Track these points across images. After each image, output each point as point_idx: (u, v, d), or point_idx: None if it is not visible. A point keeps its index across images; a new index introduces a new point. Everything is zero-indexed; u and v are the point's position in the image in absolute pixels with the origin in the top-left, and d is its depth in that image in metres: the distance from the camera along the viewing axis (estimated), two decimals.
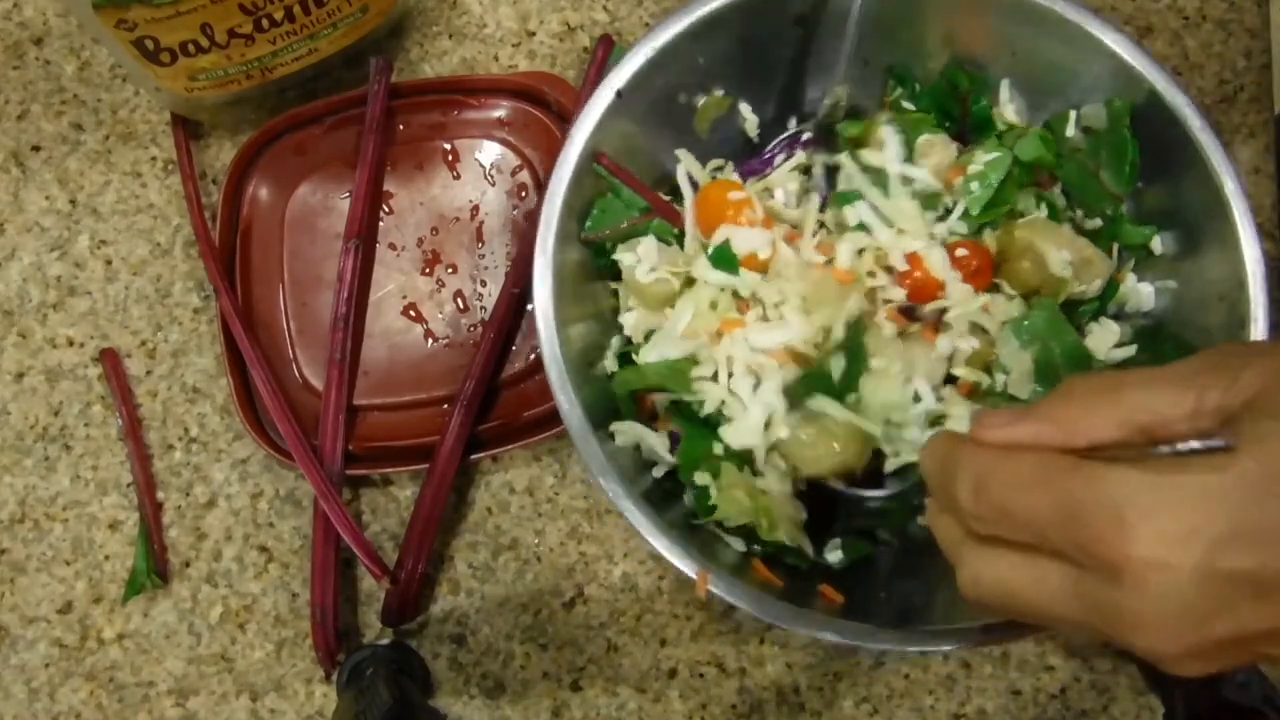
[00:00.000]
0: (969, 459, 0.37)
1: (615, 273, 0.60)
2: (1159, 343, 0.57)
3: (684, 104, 0.60)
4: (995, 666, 0.63)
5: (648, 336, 0.58)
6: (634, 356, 0.58)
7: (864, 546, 0.56)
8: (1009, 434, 0.38)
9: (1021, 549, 0.36)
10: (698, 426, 0.56)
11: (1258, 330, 0.53)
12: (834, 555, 0.56)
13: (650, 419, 0.57)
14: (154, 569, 0.63)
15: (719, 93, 0.60)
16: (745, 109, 0.62)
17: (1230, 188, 0.54)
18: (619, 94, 0.55)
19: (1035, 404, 0.38)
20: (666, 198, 0.60)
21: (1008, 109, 0.61)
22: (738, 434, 0.55)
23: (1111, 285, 0.59)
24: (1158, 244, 0.58)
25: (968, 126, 0.61)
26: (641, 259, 0.57)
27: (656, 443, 0.56)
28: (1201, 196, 0.55)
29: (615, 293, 0.60)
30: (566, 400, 0.53)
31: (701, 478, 0.55)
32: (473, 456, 0.62)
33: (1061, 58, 0.58)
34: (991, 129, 0.60)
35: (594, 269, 0.59)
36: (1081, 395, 0.37)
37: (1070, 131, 0.59)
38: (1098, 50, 0.56)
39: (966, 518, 0.37)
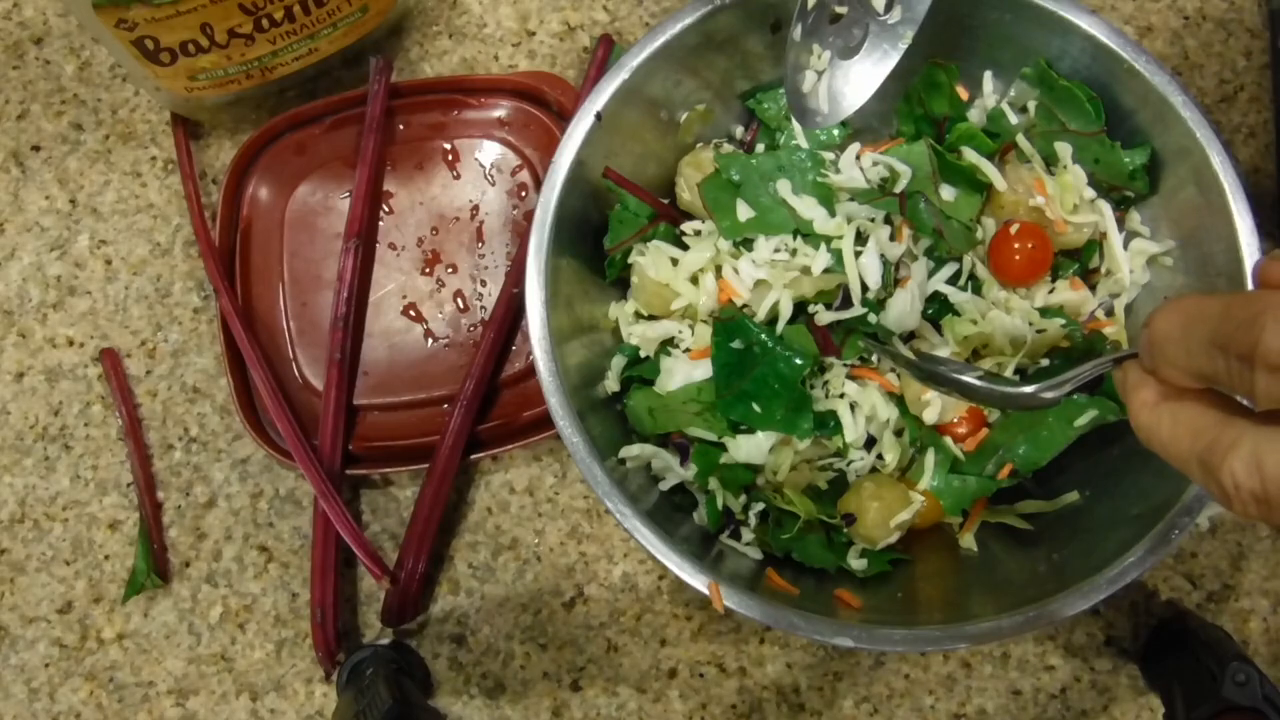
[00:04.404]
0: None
1: (624, 285, 0.60)
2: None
3: (667, 120, 0.60)
4: (995, 666, 0.63)
5: (657, 353, 0.58)
6: (645, 377, 0.58)
7: (886, 558, 0.56)
8: None
9: None
10: (707, 441, 0.57)
11: None
12: (858, 563, 0.56)
13: (662, 434, 0.58)
14: (154, 569, 0.63)
15: (701, 106, 0.61)
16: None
17: (1204, 137, 0.54)
18: (598, 116, 0.56)
19: None
20: (665, 201, 0.61)
21: (990, 100, 0.61)
22: (744, 450, 0.55)
23: (1091, 245, 0.60)
24: (1148, 231, 0.59)
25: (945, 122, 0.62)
26: (652, 254, 0.58)
27: (669, 459, 0.57)
28: (1182, 162, 0.56)
29: (616, 314, 0.61)
30: (569, 427, 0.53)
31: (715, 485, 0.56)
32: (473, 456, 0.62)
33: (1039, 44, 0.58)
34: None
35: (592, 287, 0.60)
36: None
37: (1014, 119, 0.60)
38: (1074, 33, 0.57)
39: (1260, 379, 0.30)
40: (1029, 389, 0.43)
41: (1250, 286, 0.53)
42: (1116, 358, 0.38)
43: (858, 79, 0.56)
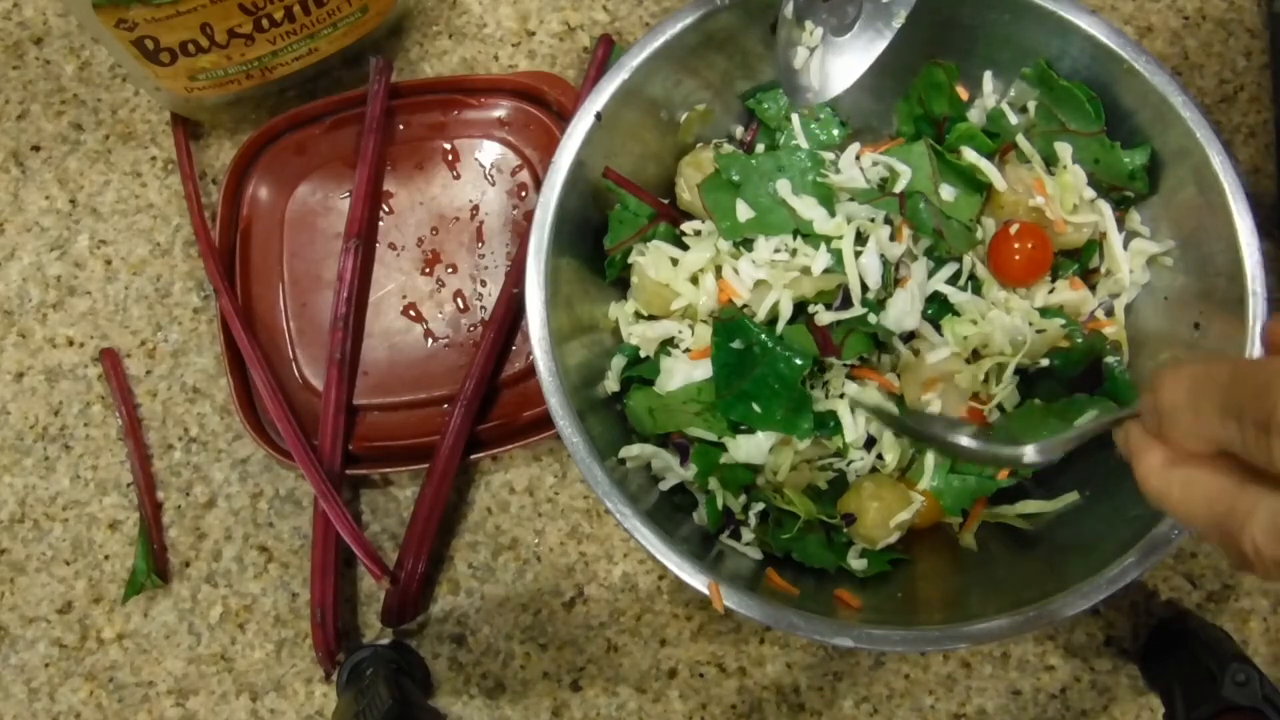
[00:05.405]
0: None
1: (624, 285, 0.60)
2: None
3: (667, 120, 0.60)
4: (995, 666, 0.63)
5: (657, 353, 0.58)
6: (645, 377, 0.58)
7: (886, 558, 0.57)
8: None
9: None
10: (707, 441, 0.57)
11: (1257, 305, 0.53)
12: (858, 563, 0.56)
13: (662, 434, 0.58)
14: (154, 569, 0.63)
15: (701, 106, 0.61)
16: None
17: (1204, 137, 0.54)
18: (598, 116, 0.56)
19: None
20: (665, 201, 0.61)
21: (990, 100, 0.61)
22: (744, 450, 0.55)
23: (1091, 245, 0.60)
24: (1149, 232, 0.59)
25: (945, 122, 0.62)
26: (652, 254, 0.58)
27: (669, 459, 0.57)
28: (1182, 162, 0.56)
29: (616, 313, 0.61)
30: (569, 427, 0.53)
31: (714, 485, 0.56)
32: (473, 456, 0.62)
33: (1039, 44, 0.58)
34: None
35: (592, 287, 0.60)
36: None
37: (1014, 119, 0.60)
38: (1074, 33, 0.57)
39: (1277, 447, 0.29)
40: (1023, 450, 0.42)
41: (1250, 277, 0.53)
42: (1116, 419, 0.38)
43: (849, 57, 0.57)
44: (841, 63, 0.57)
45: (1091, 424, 0.40)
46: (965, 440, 0.44)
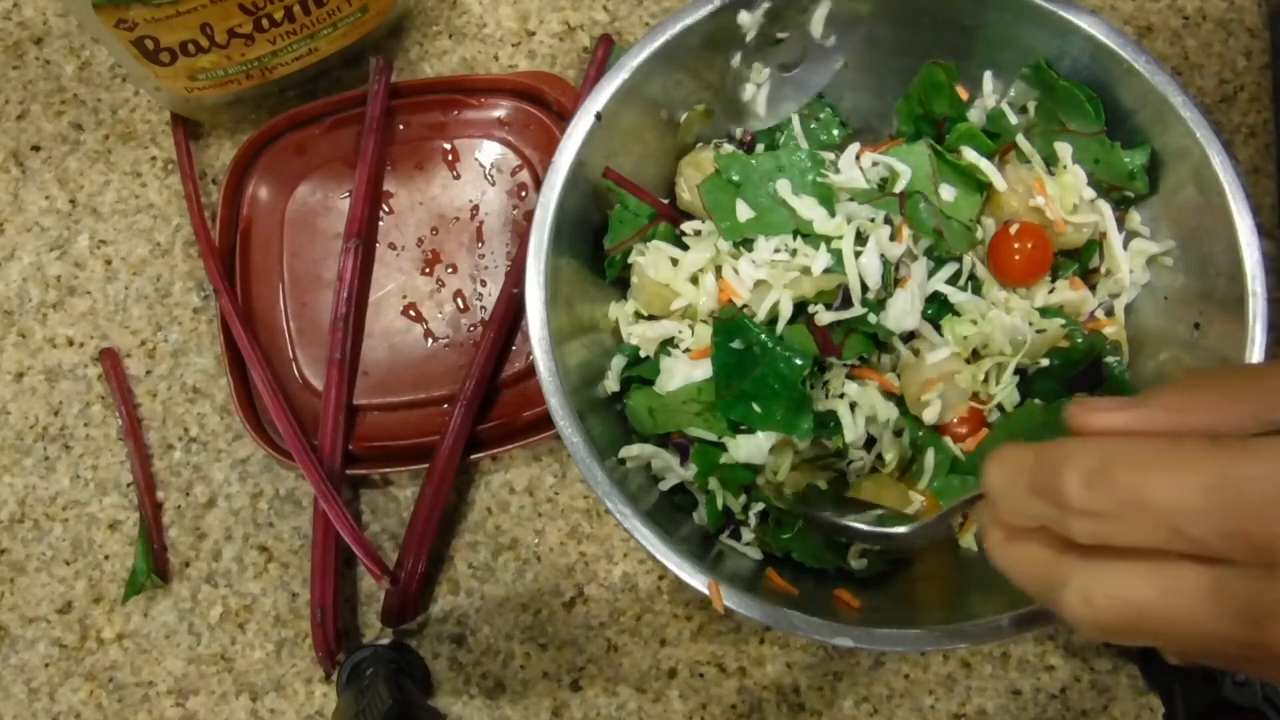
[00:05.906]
0: (1079, 448, 0.32)
1: (624, 285, 0.60)
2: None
3: (667, 120, 0.60)
4: (995, 666, 0.63)
5: (657, 353, 0.58)
6: (645, 377, 0.58)
7: (886, 558, 0.56)
8: (1124, 419, 0.33)
9: (1142, 555, 0.31)
10: (707, 441, 0.57)
11: (1257, 305, 0.53)
12: (858, 563, 0.56)
13: (662, 434, 0.58)
14: (154, 569, 0.63)
15: (701, 106, 0.61)
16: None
17: (1204, 137, 0.54)
18: (598, 116, 0.56)
19: (1145, 394, 0.34)
20: (665, 201, 0.61)
21: (990, 100, 0.61)
22: (744, 450, 0.55)
23: (1091, 245, 0.60)
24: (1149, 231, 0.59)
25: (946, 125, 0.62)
26: (652, 254, 0.58)
27: (669, 459, 0.57)
28: (1182, 162, 0.56)
29: (616, 313, 0.60)
30: (569, 427, 0.53)
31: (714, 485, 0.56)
32: (473, 456, 0.62)
33: (1039, 44, 0.58)
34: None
35: (592, 287, 0.60)
36: (1212, 385, 0.33)
37: (1014, 119, 0.60)
38: (1074, 33, 0.57)
39: (1073, 522, 0.32)
40: (905, 529, 0.48)
41: (1250, 277, 0.53)
42: (971, 498, 0.42)
43: (794, 90, 0.62)
44: (786, 93, 0.61)
45: (956, 502, 0.45)
46: (853, 522, 0.50)
